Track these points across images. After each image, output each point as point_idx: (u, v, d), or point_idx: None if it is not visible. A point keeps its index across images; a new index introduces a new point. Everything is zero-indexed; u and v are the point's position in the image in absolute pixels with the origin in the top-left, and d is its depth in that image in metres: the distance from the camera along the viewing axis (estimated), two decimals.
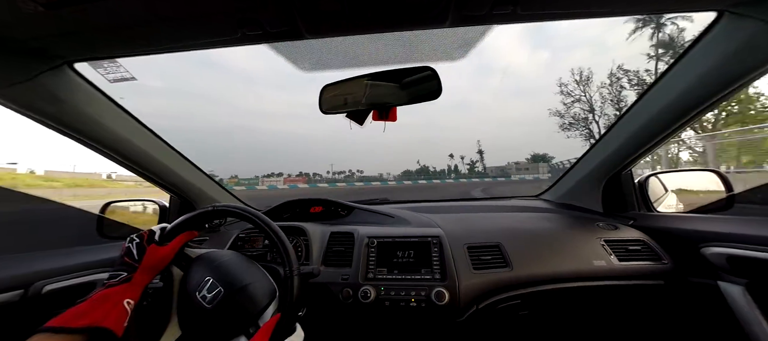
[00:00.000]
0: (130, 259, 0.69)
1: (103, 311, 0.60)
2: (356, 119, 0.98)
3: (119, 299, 0.63)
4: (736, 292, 0.89)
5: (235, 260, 0.77)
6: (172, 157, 1.29)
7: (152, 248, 0.72)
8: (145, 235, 0.74)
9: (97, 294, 0.62)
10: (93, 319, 0.58)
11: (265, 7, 0.67)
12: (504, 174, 58.11)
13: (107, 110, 1.00)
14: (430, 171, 68.42)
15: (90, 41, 0.76)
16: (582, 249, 1.12)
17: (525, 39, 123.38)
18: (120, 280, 0.66)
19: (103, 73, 0.98)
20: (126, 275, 0.67)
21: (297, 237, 1.23)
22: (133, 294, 0.66)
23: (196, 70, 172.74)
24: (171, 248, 0.75)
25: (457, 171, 65.34)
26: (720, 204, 1.17)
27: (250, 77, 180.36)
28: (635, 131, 1.13)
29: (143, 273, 0.69)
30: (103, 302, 0.61)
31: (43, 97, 0.84)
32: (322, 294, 1.06)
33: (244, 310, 0.68)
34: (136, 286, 0.67)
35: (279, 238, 0.74)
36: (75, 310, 0.58)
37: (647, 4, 0.74)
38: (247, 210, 0.77)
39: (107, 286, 0.64)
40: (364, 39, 0.95)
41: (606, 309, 1.14)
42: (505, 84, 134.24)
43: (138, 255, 0.70)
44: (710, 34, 0.82)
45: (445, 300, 0.97)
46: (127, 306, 0.64)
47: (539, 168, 52.45)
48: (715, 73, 0.85)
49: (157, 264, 0.72)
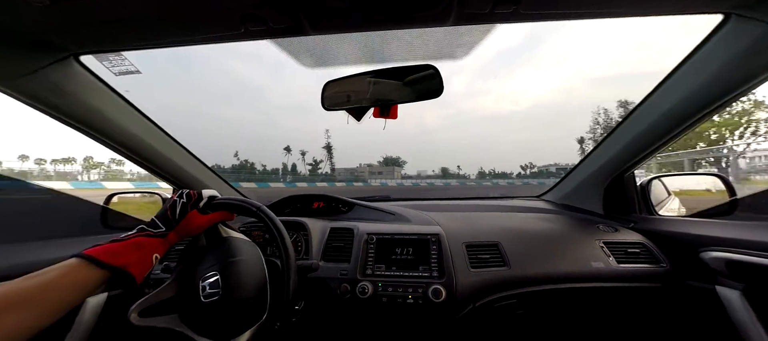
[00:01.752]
0: (171, 215, 0.71)
1: (135, 257, 0.62)
2: (357, 116, 0.98)
3: (151, 250, 0.65)
4: (734, 297, 0.89)
5: (249, 265, 0.75)
6: (175, 150, 1.30)
7: (194, 213, 0.73)
8: (194, 197, 0.75)
9: (133, 240, 0.64)
10: (125, 262, 0.60)
11: (270, 3, 0.68)
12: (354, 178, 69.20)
13: (112, 102, 1.02)
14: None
15: (95, 34, 0.77)
16: (581, 251, 1.12)
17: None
18: (158, 233, 0.67)
19: (108, 66, 1.00)
20: (163, 230, 0.68)
21: (297, 232, 1.24)
22: (162, 250, 0.68)
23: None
24: (208, 220, 0.76)
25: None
26: (722, 209, 1.16)
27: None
28: (638, 134, 1.12)
29: (177, 234, 0.71)
30: (136, 248, 0.63)
31: (49, 88, 0.86)
32: (320, 289, 1.07)
33: (231, 322, 0.68)
34: (167, 244, 0.69)
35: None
36: (111, 247, 0.60)
37: (651, 6, 0.74)
38: (276, 224, 0.76)
39: (145, 234, 0.66)
40: (366, 36, 0.95)
41: (603, 310, 1.15)
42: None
43: (179, 215, 0.71)
44: (716, 37, 0.81)
45: (442, 298, 0.98)
46: (154, 260, 0.66)
47: (394, 171, 74.51)
48: (720, 76, 0.84)
49: (191, 231, 0.74)
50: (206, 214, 0.75)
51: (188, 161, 1.38)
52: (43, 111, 0.91)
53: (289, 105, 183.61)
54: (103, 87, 0.98)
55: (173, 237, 0.70)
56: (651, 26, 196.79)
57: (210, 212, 0.76)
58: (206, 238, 0.78)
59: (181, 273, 0.74)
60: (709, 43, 0.83)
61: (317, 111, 3.80)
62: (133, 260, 0.61)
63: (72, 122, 0.97)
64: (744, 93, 0.86)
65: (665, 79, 0.98)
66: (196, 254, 0.76)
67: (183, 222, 0.71)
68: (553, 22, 0.76)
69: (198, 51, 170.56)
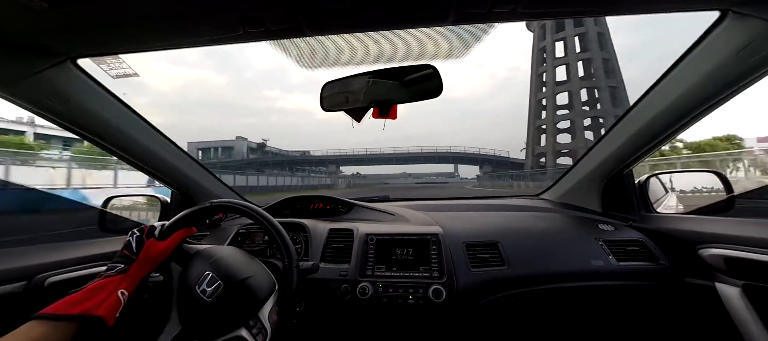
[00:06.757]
0: (128, 252, 0.71)
1: (97, 300, 0.61)
2: (356, 116, 0.98)
3: (113, 289, 0.64)
4: (733, 293, 0.89)
5: (233, 254, 0.77)
6: (173, 153, 1.29)
7: (151, 242, 0.74)
8: (146, 230, 0.76)
9: (92, 285, 0.63)
10: (86, 308, 0.59)
11: (268, 5, 0.67)
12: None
13: (110, 106, 1.01)
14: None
15: (93, 38, 0.76)
16: (580, 249, 1.12)
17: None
18: (116, 271, 0.67)
19: (106, 69, 1.01)
20: (122, 266, 0.68)
21: (297, 233, 1.23)
22: (128, 285, 0.68)
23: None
24: (168, 244, 0.76)
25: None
26: (720, 206, 1.17)
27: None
28: (636, 131, 1.12)
29: (140, 266, 0.71)
30: (97, 292, 0.62)
31: (47, 92, 0.85)
32: (320, 290, 1.07)
33: (245, 303, 0.69)
34: (131, 278, 0.69)
35: (278, 232, 0.75)
36: (69, 299, 0.59)
37: (649, 2, 0.74)
38: (246, 206, 0.77)
39: (103, 277, 0.66)
40: (365, 36, 0.95)
41: (603, 308, 1.15)
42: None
43: (136, 249, 0.72)
44: (713, 34, 0.81)
45: (443, 298, 0.98)
46: (121, 297, 0.65)
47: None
48: (717, 73, 0.84)
49: (155, 259, 0.74)
50: (164, 240, 0.76)
51: (186, 163, 1.37)
52: (41, 114, 0.90)
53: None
54: (100, 90, 0.97)
55: (138, 271, 0.70)
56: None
57: (168, 236, 0.77)
58: (178, 262, 0.78)
59: (177, 300, 0.74)
60: (707, 40, 0.83)
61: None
62: (95, 303, 0.60)
63: (69, 125, 0.96)
64: (741, 89, 0.86)
65: (663, 77, 0.98)
66: (179, 278, 0.76)
67: (143, 253, 0.72)
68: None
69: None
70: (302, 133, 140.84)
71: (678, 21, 73.12)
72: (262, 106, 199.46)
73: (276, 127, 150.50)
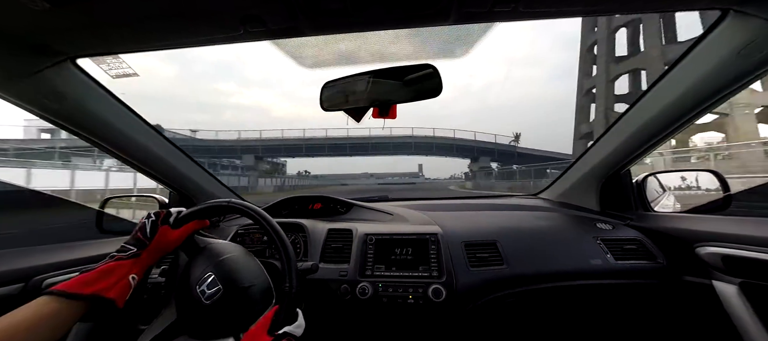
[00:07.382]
0: (142, 235, 0.70)
1: (109, 282, 0.61)
2: (355, 116, 0.98)
3: (125, 273, 0.64)
4: (730, 292, 0.90)
5: (240, 258, 0.76)
6: (171, 153, 1.29)
7: (165, 229, 0.73)
8: (162, 215, 0.75)
9: (105, 266, 0.63)
10: (98, 288, 0.59)
11: (268, 4, 0.67)
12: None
13: (109, 106, 1.00)
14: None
15: (93, 37, 0.75)
16: (578, 248, 1.12)
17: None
18: (129, 255, 0.67)
19: (105, 69, 1.00)
20: (135, 250, 0.68)
21: (296, 234, 1.23)
22: (138, 270, 0.67)
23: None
24: (181, 233, 0.75)
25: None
26: (717, 204, 1.18)
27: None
28: (635, 130, 1.13)
29: (151, 252, 0.70)
30: (109, 273, 0.62)
31: (46, 92, 0.84)
32: (320, 290, 1.07)
33: (240, 313, 0.68)
34: (142, 263, 0.68)
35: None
36: (82, 278, 0.59)
37: (650, 1, 0.74)
38: (261, 215, 0.76)
39: (116, 259, 0.65)
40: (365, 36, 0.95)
41: (601, 307, 1.15)
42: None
43: (150, 234, 0.71)
44: (714, 33, 0.81)
45: (442, 298, 0.98)
46: (131, 281, 0.65)
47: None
48: (717, 72, 0.84)
49: (166, 246, 0.73)
50: (178, 228, 0.75)
51: (184, 163, 1.37)
52: (39, 114, 0.89)
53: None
54: (100, 90, 0.97)
55: (148, 256, 0.70)
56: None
57: (182, 225, 0.76)
58: (186, 253, 0.78)
59: (176, 293, 0.73)
60: (707, 39, 0.83)
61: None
62: (106, 285, 0.60)
63: (69, 126, 0.96)
64: (741, 88, 0.86)
65: (662, 76, 0.98)
66: (183, 270, 0.75)
67: (155, 240, 0.71)
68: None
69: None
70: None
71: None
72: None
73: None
